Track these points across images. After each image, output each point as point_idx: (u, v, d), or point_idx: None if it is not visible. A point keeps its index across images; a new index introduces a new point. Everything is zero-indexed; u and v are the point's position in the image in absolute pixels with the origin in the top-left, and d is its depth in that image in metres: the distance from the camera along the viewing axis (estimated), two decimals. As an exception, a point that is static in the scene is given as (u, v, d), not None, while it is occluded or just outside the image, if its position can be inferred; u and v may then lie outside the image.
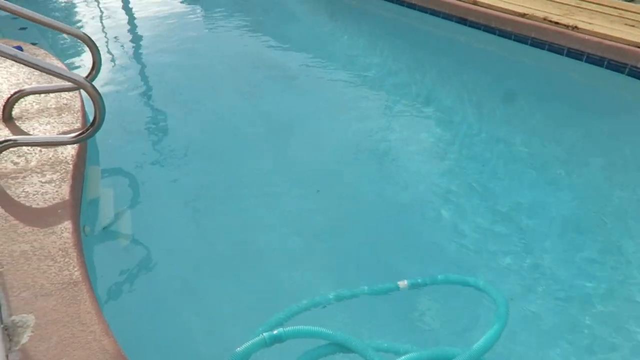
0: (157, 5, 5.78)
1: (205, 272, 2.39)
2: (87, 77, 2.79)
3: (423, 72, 4.40)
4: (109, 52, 4.57)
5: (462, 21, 4.80)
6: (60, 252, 1.97)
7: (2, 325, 1.70)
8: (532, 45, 4.34)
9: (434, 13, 5.04)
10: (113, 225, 2.60)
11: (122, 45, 4.78)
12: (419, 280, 2.11)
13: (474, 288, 2.11)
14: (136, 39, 5.05)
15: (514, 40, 4.44)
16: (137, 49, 4.83)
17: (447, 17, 4.91)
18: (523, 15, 4.39)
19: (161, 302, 2.24)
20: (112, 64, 4.33)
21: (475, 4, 4.70)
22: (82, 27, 5.12)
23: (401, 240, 2.57)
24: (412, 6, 5.22)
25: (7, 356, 1.61)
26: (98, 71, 2.89)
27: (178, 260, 2.44)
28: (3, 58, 3.46)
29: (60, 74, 2.23)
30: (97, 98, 2.26)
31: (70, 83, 2.48)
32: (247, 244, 2.54)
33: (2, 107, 2.81)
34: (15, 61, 2.14)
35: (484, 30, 4.64)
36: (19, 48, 3.53)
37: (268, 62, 4.45)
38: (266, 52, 4.68)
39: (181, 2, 5.94)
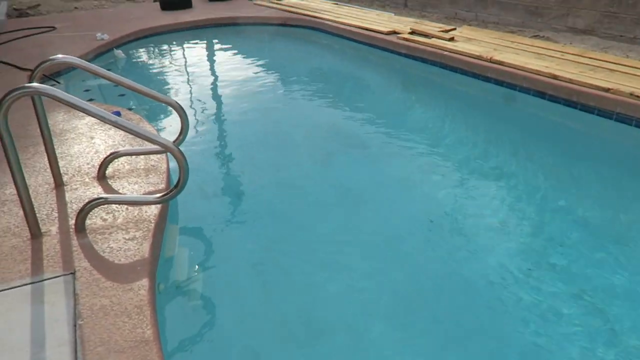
0: (241, 75, 6.19)
1: (270, 340, 2.35)
2: (174, 141, 2.99)
3: (499, 145, 4.30)
4: (194, 117, 4.89)
5: (541, 95, 4.72)
6: (136, 309, 2.03)
7: (76, 379, 1.74)
8: (617, 120, 4.15)
9: (510, 86, 5.00)
10: (185, 284, 2.65)
11: (206, 112, 5.11)
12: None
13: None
14: (219, 106, 5.39)
15: (597, 115, 4.28)
16: (219, 115, 5.14)
17: (524, 90, 4.85)
18: (607, 90, 4.24)
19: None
20: (196, 129, 4.62)
21: (555, 78, 4.62)
22: (171, 94, 5.56)
23: (473, 322, 2.41)
24: (487, 79, 5.22)
25: (77, 412, 1.63)
26: (185, 136, 3.09)
27: (244, 325, 2.43)
28: (102, 122, 3.82)
29: (153, 139, 2.40)
30: (182, 162, 2.40)
31: (159, 147, 2.66)
32: (313, 313, 2.49)
33: (98, 166, 3.06)
34: (115, 126, 2.33)
35: (564, 105, 4.52)
36: (118, 113, 3.89)
37: (342, 131, 4.56)
38: (340, 121, 4.81)
39: (262, 73, 6.33)
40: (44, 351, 1.86)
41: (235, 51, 7.45)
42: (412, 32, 6.56)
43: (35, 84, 2.38)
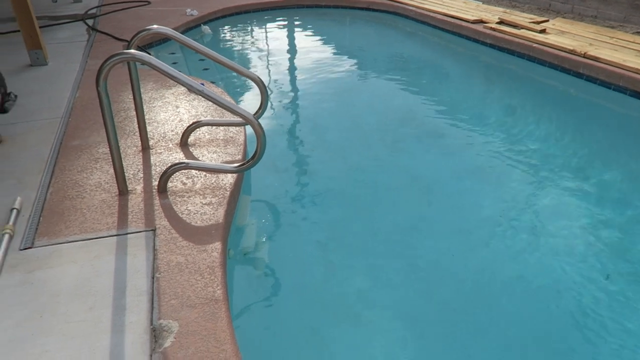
0: (319, 57, 6.23)
1: (328, 315, 2.40)
2: (254, 114, 3.08)
3: (585, 145, 4.05)
4: (271, 94, 5.00)
5: (638, 95, 4.37)
6: (208, 269, 2.14)
7: (151, 326, 1.88)
8: None
9: (604, 84, 4.67)
10: (252, 252, 2.76)
11: (283, 90, 5.22)
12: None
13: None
14: (296, 85, 5.48)
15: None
16: (295, 94, 5.22)
17: (620, 89, 4.52)
18: None
19: (283, 336, 2.29)
20: (273, 106, 4.73)
21: (656, 78, 4.27)
22: (251, 70, 5.70)
23: (538, 329, 2.32)
24: (579, 75, 4.91)
25: (151, 356, 1.76)
26: (264, 110, 3.18)
27: (304, 298, 2.49)
28: (187, 93, 4.00)
29: (235, 111, 2.49)
30: (260, 134, 2.47)
31: (240, 119, 2.76)
32: (372, 296, 2.50)
33: (181, 134, 3.23)
34: (202, 96, 2.44)
35: (664, 107, 4.18)
36: (202, 85, 4.06)
37: (416, 119, 4.48)
38: (416, 108, 4.73)
39: (341, 56, 6.33)
40: (125, 298, 2.02)
41: (317, 33, 7.50)
42: (500, 22, 6.27)
43: (133, 51, 2.54)
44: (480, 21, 6.47)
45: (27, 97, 4.02)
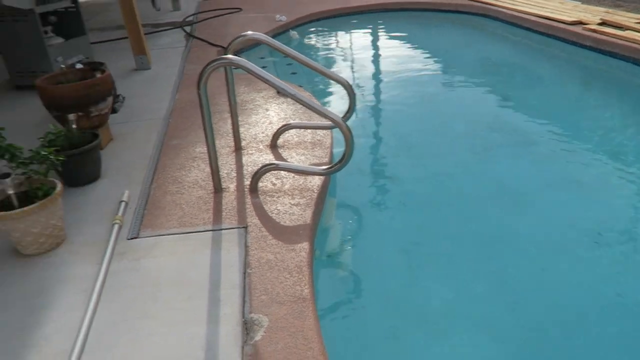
0: (405, 61, 6.18)
1: (410, 321, 2.37)
2: (342, 118, 3.13)
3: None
4: (356, 98, 5.03)
5: None
6: (296, 267, 2.21)
7: (243, 319, 1.97)
8: None
9: None
10: (337, 254, 2.80)
11: (368, 95, 5.23)
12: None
13: None
14: (381, 89, 5.47)
15: None
16: (380, 99, 5.22)
17: None
18: None
19: (366, 339, 2.30)
20: (357, 110, 4.76)
21: None
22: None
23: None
24: (694, 81, 4.47)
25: (242, 347, 1.85)
26: (352, 114, 3.22)
27: (386, 302, 2.48)
28: (276, 96, 4.14)
29: (325, 114, 2.55)
30: (349, 138, 2.51)
31: (328, 122, 2.82)
32: (455, 307, 2.43)
33: (271, 136, 3.35)
34: (294, 100, 2.53)
35: None
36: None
37: (506, 125, 4.31)
38: (506, 114, 4.55)
39: (427, 60, 6.24)
40: (219, 290, 2.13)
41: (403, 36, 7.45)
42: (602, 23, 5.87)
43: (231, 56, 2.68)
44: (579, 22, 6.10)
45: (133, 98, 4.37)
